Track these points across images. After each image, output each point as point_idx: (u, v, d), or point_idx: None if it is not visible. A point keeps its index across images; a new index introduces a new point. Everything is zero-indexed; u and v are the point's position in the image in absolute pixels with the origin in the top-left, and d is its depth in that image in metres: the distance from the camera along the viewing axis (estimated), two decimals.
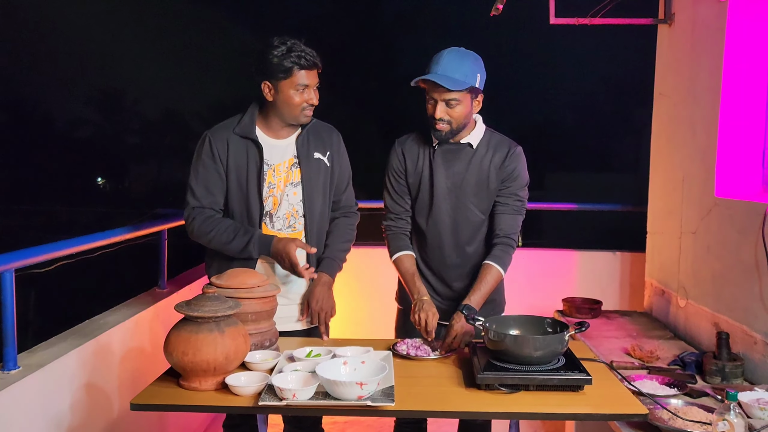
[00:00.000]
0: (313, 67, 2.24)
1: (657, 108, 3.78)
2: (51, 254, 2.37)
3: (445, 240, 2.42)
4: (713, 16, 3.04)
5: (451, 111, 2.24)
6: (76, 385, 2.33)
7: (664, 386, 2.41)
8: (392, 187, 2.46)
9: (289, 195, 2.32)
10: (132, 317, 2.80)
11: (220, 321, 1.78)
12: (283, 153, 2.33)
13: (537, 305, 4.01)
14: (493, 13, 3.57)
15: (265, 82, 2.23)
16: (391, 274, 2.53)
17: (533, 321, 2.03)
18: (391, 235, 2.48)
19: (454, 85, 2.18)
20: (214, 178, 2.28)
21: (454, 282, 2.45)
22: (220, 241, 2.24)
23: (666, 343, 3.03)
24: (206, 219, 2.26)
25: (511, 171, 2.37)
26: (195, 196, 2.28)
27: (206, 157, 2.27)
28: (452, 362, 2.04)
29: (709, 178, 3.01)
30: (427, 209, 2.41)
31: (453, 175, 2.37)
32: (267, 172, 2.29)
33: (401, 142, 2.48)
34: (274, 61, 2.18)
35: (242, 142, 2.28)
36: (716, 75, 2.98)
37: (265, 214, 2.31)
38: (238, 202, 2.30)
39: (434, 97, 2.23)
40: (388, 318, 2.63)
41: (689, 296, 3.22)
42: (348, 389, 1.62)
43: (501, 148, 2.39)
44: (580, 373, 1.78)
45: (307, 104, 2.26)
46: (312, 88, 2.26)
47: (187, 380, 1.79)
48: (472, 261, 2.43)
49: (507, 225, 2.38)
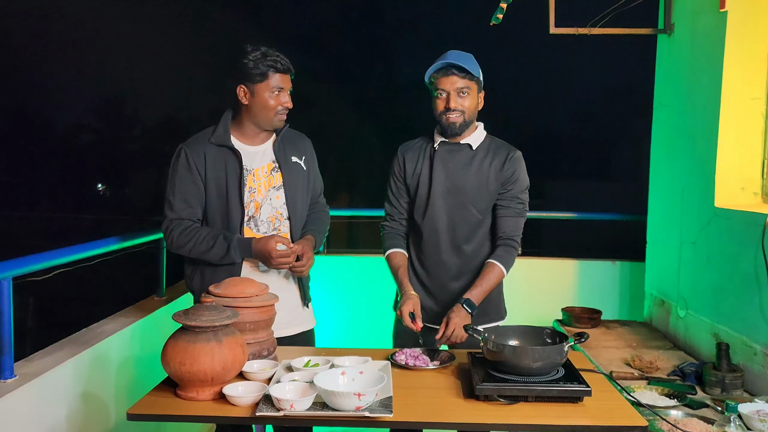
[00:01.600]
0: (287, 72, 2.31)
1: (657, 118, 3.78)
2: (49, 263, 2.37)
3: (442, 238, 2.43)
4: (713, 26, 3.05)
5: (463, 101, 2.32)
6: (72, 394, 2.31)
7: (663, 397, 2.41)
8: (391, 190, 2.54)
9: (272, 198, 2.36)
10: (129, 326, 2.79)
11: (218, 331, 1.77)
12: (262, 158, 2.37)
13: (536, 314, 4.00)
14: (493, 23, 3.57)
15: (240, 86, 2.28)
16: (391, 282, 2.53)
17: (532, 331, 2.02)
18: (386, 234, 2.55)
19: (467, 70, 2.29)
20: (191, 189, 2.30)
21: (450, 282, 2.46)
22: (200, 249, 2.26)
23: (666, 354, 3.02)
24: (184, 230, 2.28)
25: (511, 174, 2.41)
26: (173, 209, 2.30)
27: (183, 170, 2.30)
28: (451, 373, 2.03)
29: (709, 188, 3.01)
30: (424, 207, 2.44)
31: (452, 175, 2.40)
32: (247, 177, 2.33)
33: (403, 147, 2.55)
34: (249, 65, 2.24)
35: (219, 151, 2.31)
36: (716, 85, 2.99)
37: (249, 219, 2.32)
38: (218, 210, 2.32)
39: (445, 88, 2.31)
40: (388, 326, 2.62)
41: (689, 306, 3.21)
42: (346, 400, 1.62)
43: (501, 152, 2.43)
44: (579, 384, 1.77)
45: (282, 107, 2.31)
46: (286, 91, 2.32)
47: (184, 390, 1.78)
48: (468, 261, 2.44)
49: (509, 227, 2.41)
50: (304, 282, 2.46)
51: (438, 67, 2.31)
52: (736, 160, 2.95)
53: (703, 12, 3.18)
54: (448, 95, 2.31)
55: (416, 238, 2.51)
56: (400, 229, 2.54)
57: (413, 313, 2.28)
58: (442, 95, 2.33)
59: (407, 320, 2.26)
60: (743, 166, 2.95)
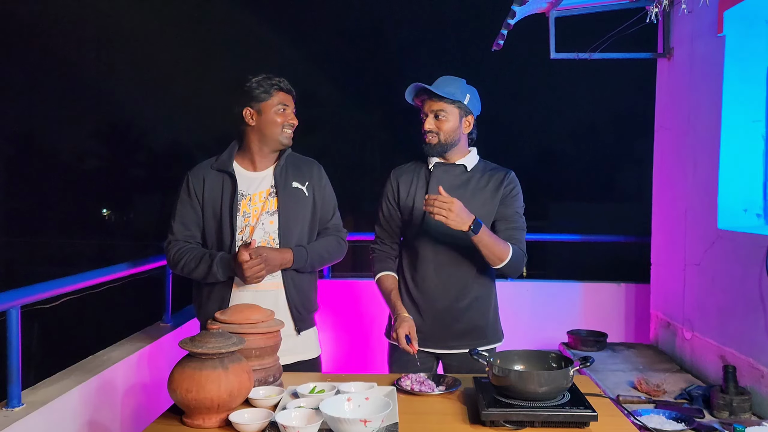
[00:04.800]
0: (289, 92, 2.41)
1: (658, 141, 3.81)
2: (57, 290, 2.38)
3: (437, 259, 2.42)
4: (711, 51, 3.08)
5: (440, 123, 2.36)
6: (79, 422, 2.32)
7: (671, 421, 2.40)
8: (382, 212, 2.55)
9: (265, 224, 2.37)
10: (135, 352, 2.79)
11: (224, 357, 1.78)
12: (260, 184, 2.41)
13: (542, 337, 4.00)
14: (495, 48, 3.62)
15: (246, 108, 2.36)
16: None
17: (538, 355, 2.02)
18: (376, 257, 2.55)
19: (444, 93, 2.33)
20: (189, 213, 2.40)
21: (444, 304, 2.43)
22: (189, 268, 2.34)
23: (673, 377, 3.01)
24: (178, 250, 2.37)
25: (511, 189, 2.43)
26: (172, 232, 2.41)
27: (183, 194, 2.41)
28: (456, 398, 2.03)
29: (712, 211, 3.02)
30: (418, 227, 2.44)
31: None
32: (242, 202, 2.37)
33: (397, 171, 2.56)
34: (253, 86, 2.35)
35: (218, 176, 2.40)
36: (716, 108, 3.01)
37: (243, 244, 2.30)
38: (213, 232, 2.39)
39: (425, 110, 2.38)
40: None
41: (695, 329, 3.21)
42: (352, 426, 1.61)
43: (496, 173, 2.46)
44: (585, 409, 1.77)
45: (288, 123, 2.38)
46: (291, 109, 2.40)
47: (190, 417, 1.78)
48: (463, 282, 2.43)
49: (516, 240, 2.38)
50: (300, 308, 2.41)
51: (410, 91, 2.40)
52: (737, 182, 2.97)
53: (701, 36, 3.22)
54: (426, 117, 2.38)
55: (410, 259, 2.50)
56: (390, 252, 2.54)
57: (408, 335, 2.28)
58: (422, 116, 2.40)
59: (403, 343, 2.26)
60: (745, 187, 2.97)
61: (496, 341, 2.51)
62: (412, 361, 2.33)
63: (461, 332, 2.42)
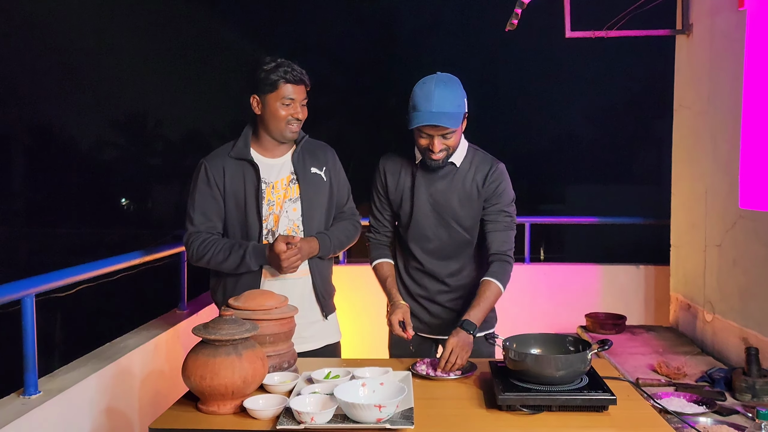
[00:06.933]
0: (299, 83, 2.30)
1: (677, 120, 3.74)
2: (71, 278, 2.39)
3: (428, 253, 2.43)
4: (732, 26, 3.00)
5: (448, 141, 2.26)
6: (96, 409, 2.33)
7: (692, 404, 2.36)
8: (374, 203, 2.53)
9: (288, 211, 2.35)
10: (152, 339, 2.80)
11: (238, 344, 1.77)
12: (280, 170, 2.37)
13: (559, 321, 3.96)
14: (509, 29, 3.56)
15: (253, 96, 2.31)
16: None
17: (554, 339, 1.99)
18: (372, 245, 2.54)
19: (453, 122, 2.20)
20: (210, 204, 2.33)
21: (439, 294, 2.46)
22: (217, 260, 2.28)
23: (693, 359, 2.97)
24: (203, 242, 2.30)
25: (494, 188, 2.36)
26: (193, 223, 2.33)
27: (202, 184, 2.33)
28: (473, 383, 2.01)
29: (733, 190, 2.95)
30: (407, 222, 2.43)
31: (435, 193, 2.38)
32: (265, 190, 2.33)
33: (384, 159, 2.51)
34: (261, 75, 2.27)
35: (238, 165, 2.34)
36: (737, 85, 2.94)
37: (268, 233, 2.32)
38: (238, 223, 2.34)
39: (430, 133, 2.23)
40: None
41: (716, 310, 3.15)
42: (366, 412, 1.60)
43: (483, 166, 2.38)
44: (603, 392, 1.74)
45: (293, 118, 2.31)
46: (298, 103, 2.31)
47: (205, 404, 1.78)
48: (456, 274, 2.44)
49: (500, 242, 2.35)
50: (325, 294, 2.44)
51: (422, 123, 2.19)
52: (759, 161, 2.90)
53: (721, 11, 3.14)
54: (431, 138, 2.23)
55: (403, 249, 2.51)
56: (385, 240, 2.53)
57: (403, 321, 2.25)
58: (423, 136, 2.25)
59: (397, 329, 2.24)
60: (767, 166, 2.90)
61: (491, 327, 2.50)
62: (406, 346, 2.35)
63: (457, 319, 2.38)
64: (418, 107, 2.20)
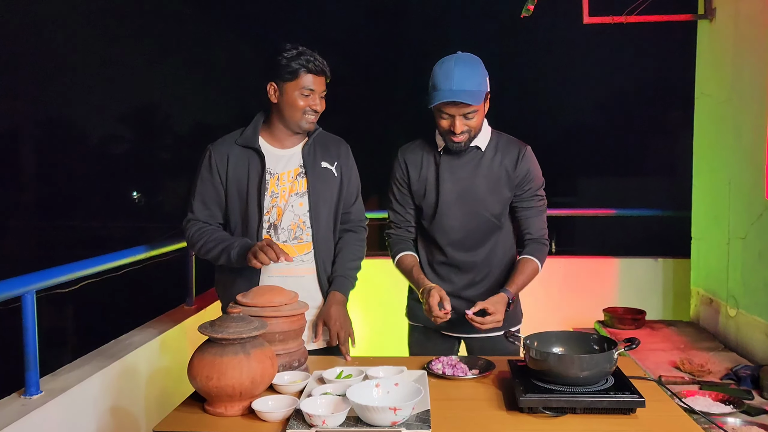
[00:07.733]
0: (320, 74, 2.21)
1: (698, 109, 3.62)
2: (72, 274, 2.31)
3: (454, 246, 2.33)
4: (758, 10, 2.89)
5: (470, 122, 2.18)
6: (100, 409, 2.26)
7: (718, 403, 2.27)
8: (395, 197, 2.42)
9: (294, 206, 2.25)
10: (158, 336, 2.73)
11: (246, 343, 1.69)
12: (288, 162, 2.28)
13: (576, 316, 3.87)
14: (524, 15, 3.45)
15: (271, 83, 2.21)
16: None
17: (578, 337, 1.90)
18: (393, 240, 2.44)
19: (475, 99, 2.13)
20: (210, 192, 2.27)
21: (463, 290, 2.36)
22: (207, 249, 2.23)
23: (717, 356, 2.87)
24: (197, 230, 2.25)
25: (525, 173, 2.29)
26: (192, 210, 2.29)
27: (205, 171, 2.27)
28: (491, 382, 1.92)
29: (759, 181, 2.85)
30: (432, 215, 2.33)
31: (461, 181, 2.29)
32: (270, 181, 2.24)
33: (403, 150, 2.41)
34: (282, 62, 2.17)
35: (244, 153, 2.25)
36: (762, 71, 2.83)
37: (270, 226, 2.24)
38: (238, 213, 2.26)
39: (451, 113, 2.16)
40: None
41: (740, 305, 3.05)
42: (381, 415, 1.52)
43: (510, 150, 2.30)
44: (631, 394, 1.65)
45: (310, 109, 2.22)
46: (318, 94, 2.22)
47: (212, 405, 1.71)
48: (483, 268, 2.36)
49: (537, 227, 2.32)
50: None
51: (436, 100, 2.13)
52: None
53: None
54: (453, 118, 2.16)
55: (426, 245, 2.40)
56: (406, 236, 2.43)
57: (441, 302, 2.14)
58: (444, 117, 2.18)
59: (437, 311, 2.13)
60: None
61: (516, 323, 2.43)
62: (431, 344, 2.28)
63: None
64: (438, 86, 2.12)
